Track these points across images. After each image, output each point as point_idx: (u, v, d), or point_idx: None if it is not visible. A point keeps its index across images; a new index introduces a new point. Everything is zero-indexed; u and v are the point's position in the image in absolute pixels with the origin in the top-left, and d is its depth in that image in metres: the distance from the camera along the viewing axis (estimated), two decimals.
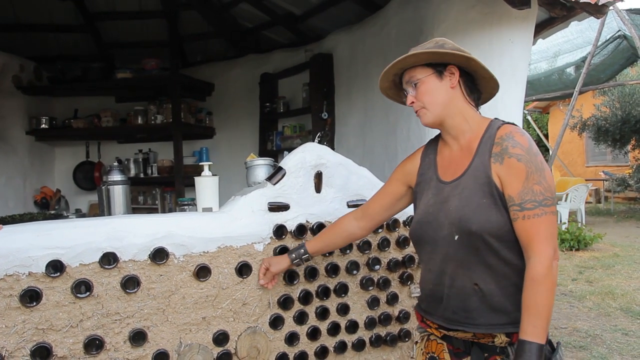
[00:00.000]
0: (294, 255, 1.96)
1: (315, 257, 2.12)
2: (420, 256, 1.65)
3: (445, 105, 1.54)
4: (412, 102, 1.58)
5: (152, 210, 5.56)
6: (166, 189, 5.58)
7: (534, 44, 3.33)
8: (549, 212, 1.39)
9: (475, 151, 1.51)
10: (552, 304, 1.36)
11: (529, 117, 15.02)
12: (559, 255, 1.43)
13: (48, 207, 5.28)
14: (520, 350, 1.33)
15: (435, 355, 1.59)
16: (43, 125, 5.34)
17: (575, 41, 9.55)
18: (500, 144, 1.46)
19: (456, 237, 1.46)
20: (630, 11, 8.47)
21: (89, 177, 5.77)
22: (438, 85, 1.54)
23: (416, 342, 1.76)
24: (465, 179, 1.49)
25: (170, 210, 5.28)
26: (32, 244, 1.71)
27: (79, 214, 5.17)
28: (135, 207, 5.57)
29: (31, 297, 1.69)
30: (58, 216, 4.79)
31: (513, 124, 1.54)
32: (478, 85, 1.61)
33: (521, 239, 1.40)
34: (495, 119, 1.57)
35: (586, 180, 11.64)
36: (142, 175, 5.64)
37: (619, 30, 9.09)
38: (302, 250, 1.95)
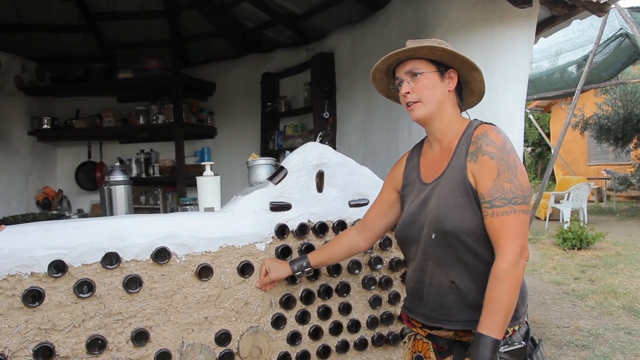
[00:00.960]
0: (296, 267, 1.95)
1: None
2: (405, 256, 1.69)
3: (439, 104, 1.56)
4: (408, 93, 1.57)
5: (154, 211, 5.57)
6: (168, 189, 5.58)
7: (535, 42, 3.33)
8: (519, 211, 1.41)
9: (453, 151, 1.54)
10: (513, 301, 1.38)
11: (530, 116, 15.00)
12: (528, 253, 1.43)
13: (50, 208, 5.29)
14: (476, 342, 1.36)
15: (421, 355, 1.62)
16: (45, 126, 5.34)
17: (577, 40, 9.53)
18: (475, 143, 1.49)
19: (433, 236, 1.49)
20: (633, 9, 8.44)
21: (90, 178, 5.77)
22: (438, 84, 1.56)
23: (404, 342, 1.78)
24: (444, 179, 1.53)
25: (172, 210, 5.28)
26: (34, 244, 1.72)
27: (81, 214, 5.18)
28: (137, 207, 5.57)
29: (34, 297, 1.70)
30: (60, 216, 4.80)
31: (490, 123, 1.57)
32: (463, 95, 1.66)
33: (490, 236, 1.43)
34: (475, 119, 1.60)
35: (588, 179, 11.62)
36: (143, 176, 5.64)
37: (621, 29, 9.06)
38: (305, 263, 1.95)
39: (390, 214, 1.82)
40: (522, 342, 1.47)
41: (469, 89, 1.64)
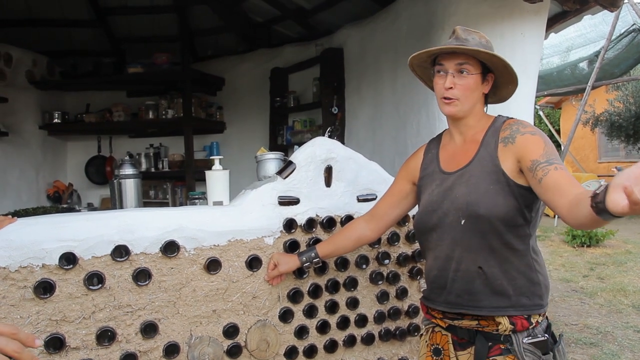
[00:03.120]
0: (304, 257, 1.95)
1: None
2: (425, 245, 1.68)
3: (473, 106, 1.60)
4: (451, 88, 1.56)
5: (163, 205, 5.60)
6: (177, 184, 5.61)
7: (546, 38, 3.30)
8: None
9: (480, 143, 1.57)
10: None
11: (540, 113, 14.89)
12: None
13: (60, 201, 5.33)
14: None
15: (439, 347, 1.62)
16: (56, 120, 5.39)
17: (588, 35, 9.44)
18: (509, 129, 1.54)
19: (462, 222, 1.50)
20: None
21: (100, 172, 5.82)
22: (478, 87, 1.59)
23: (421, 335, 1.78)
24: (471, 168, 1.54)
25: (181, 205, 5.31)
26: (45, 237, 1.74)
27: (91, 207, 5.23)
28: (146, 201, 5.61)
29: (45, 288, 1.71)
30: (70, 210, 4.85)
31: (516, 119, 1.62)
32: (491, 93, 1.68)
33: (555, 186, 1.35)
34: (500, 115, 1.65)
35: (598, 176, 11.53)
36: (153, 170, 5.67)
37: (634, 24, 8.95)
38: (313, 254, 1.95)
39: (403, 205, 1.84)
40: (545, 335, 1.49)
41: (495, 92, 1.68)
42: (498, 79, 1.62)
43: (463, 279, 1.52)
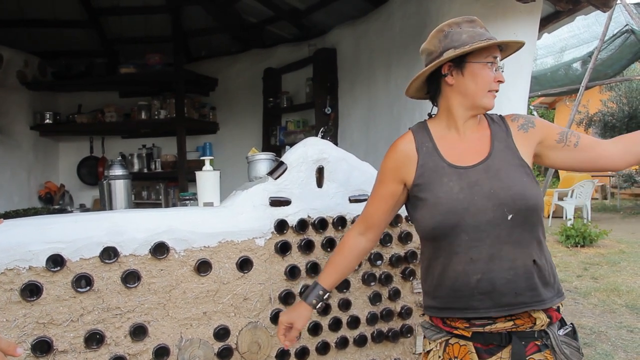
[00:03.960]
0: (314, 300, 1.67)
1: (318, 254, 2.12)
2: (448, 249, 1.48)
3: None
4: (500, 81, 1.54)
5: (155, 205, 5.56)
6: (170, 184, 5.58)
7: (539, 38, 3.30)
8: None
9: (490, 137, 1.54)
10: None
11: (535, 113, 14.93)
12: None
13: (52, 202, 5.29)
14: None
15: None
16: (47, 121, 5.34)
17: (581, 36, 9.47)
18: (520, 118, 1.59)
19: (510, 217, 1.42)
20: (639, 5, 8.38)
21: (92, 172, 5.78)
22: None
23: (427, 352, 1.59)
24: (494, 160, 1.49)
25: (174, 205, 5.28)
26: (32, 238, 1.71)
27: (83, 208, 5.19)
28: (139, 202, 5.58)
29: (32, 291, 1.69)
30: (62, 211, 4.81)
31: None
32: None
33: (596, 141, 1.56)
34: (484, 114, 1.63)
35: (592, 176, 11.56)
36: (145, 171, 5.65)
37: (627, 25, 8.99)
38: (321, 292, 1.67)
39: (396, 208, 1.67)
40: (571, 324, 1.51)
41: None
42: None
43: (522, 276, 1.42)
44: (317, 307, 1.68)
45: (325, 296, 1.68)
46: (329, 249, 2.18)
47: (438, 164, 1.53)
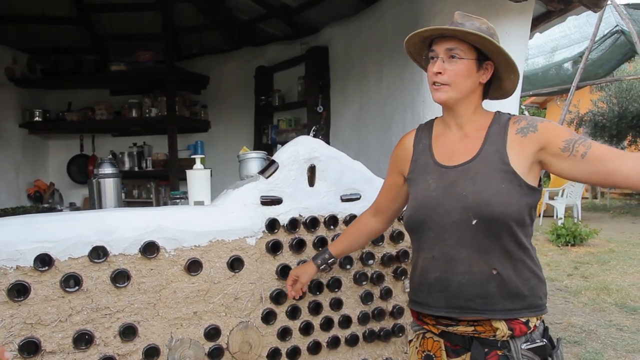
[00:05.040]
0: (319, 260, 1.89)
1: (309, 254, 2.11)
2: (417, 244, 1.56)
3: (467, 94, 1.51)
4: (440, 73, 1.48)
5: (146, 204, 5.53)
6: (161, 183, 5.55)
7: (530, 37, 3.31)
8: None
9: (484, 138, 1.49)
10: None
11: (526, 112, 15.01)
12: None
13: (42, 201, 5.24)
14: None
15: (431, 354, 1.54)
16: (36, 118, 5.29)
17: (572, 36, 9.54)
18: (523, 120, 1.49)
19: (474, 222, 1.41)
20: (629, 6, 8.45)
21: (83, 171, 5.73)
22: (472, 74, 1.49)
23: (410, 341, 1.69)
24: (476, 164, 1.46)
25: (165, 204, 5.25)
26: (20, 238, 1.69)
27: (73, 207, 5.14)
28: (129, 200, 5.54)
29: (19, 291, 1.67)
30: (51, 210, 4.76)
31: None
32: (495, 86, 1.60)
33: (611, 151, 1.37)
34: (500, 112, 1.56)
35: None
36: (136, 169, 5.60)
37: (617, 26, 9.07)
38: (327, 255, 1.89)
39: (401, 196, 1.74)
40: (543, 340, 1.43)
41: (498, 85, 1.58)
42: (498, 68, 1.52)
43: (476, 283, 1.42)
44: (321, 267, 1.90)
45: (330, 260, 1.90)
46: (320, 248, 2.17)
47: (427, 161, 1.57)
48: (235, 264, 2.00)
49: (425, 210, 1.50)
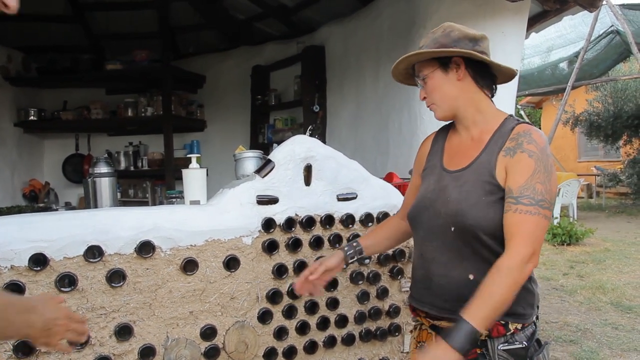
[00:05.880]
0: (348, 249, 1.74)
1: (306, 253, 2.10)
2: (414, 239, 1.63)
3: (454, 98, 1.50)
4: (424, 98, 1.56)
5: (142, 204, 5.51)
6: (157, 182, 5.53)
7: (526, 37, 3.32)
8: (542, 215, 1.36)
9: (485, 146, 1.48)
10: (507, 299, 1.32)
11: (522, 112, 15.06)
12: (538, 260, 1.39)
13: (37, 200, 5.22)
14: (455, 326, 1.31)
15: (425, 344, 1.60)
16: (32, 117, 5.26)
17: (568, 36, 9.57)
18: (515, 139, 1.43)
19: (452, 229, 1.44)
20: (624, 6, 8.48)
21: (78, 170, 5.70)
22: (445, 80, 1.50)
23: (410, 331, 1.77)
24: (468, 172, 1.47)
25: (161, 204, 5.23)
26: (14, 237, 1.68)
27: (69, 207, 5.12)
28: (125, 200, 5.52)
29: (13, 291, 1.65)
30: (47, 209, 4.74)
31: (531, 124, 1.51)
32: (492, 69, 1.54)
33: (506, 231, 1.37)
34: (511, 116, 1.54)
35: (578, 175, 11.67)
36: (132, 168, 5.58)
37: (612, 26, 9.10)
38: (355, 243, 1.75)
39: None
40: (524, 343, 1.43)
41: (490, 72, 1.55)
42: (469, 60, 1.50)
43: (452, 286, 1.46)
44: (349, 254, 1.72)
45: (359, 248, 1.74)
46: (316, 248, 2.17)
47: (436, 162, 1.61)
48: (231, 263, 1.99)
49: (419, 209, 1.57)
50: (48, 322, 1.16)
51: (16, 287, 1.65)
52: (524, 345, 1.43)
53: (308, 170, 2.16)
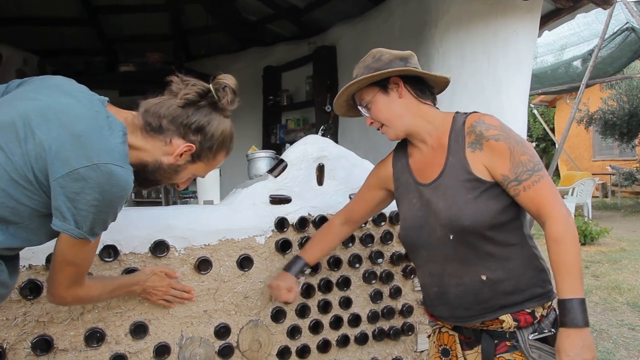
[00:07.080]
0: (292, 270, 1.90)
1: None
2: (415, 261, 1.66)
3: (402, 116, 1.56)
4: (372, 123, 1.61)
5: (156, 204, 5.53)
6: None
7: (539, 36, 3.29)
8: (544, 176, 1.41)
9: (447, 149, 1.51)
10: (579, 259, 1.35)
11: (535, 111, 14.93)
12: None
13: None
14: (563, 309, 1.33)
15: (447, 347, 1.61)
16: None
17: (582, 34, 9.45)
18: (473, 132, 1.47)
19: (451, 237, 1.46)
20: (639, 2, 8.36)
21: None
22: (387, 101, 1.56)
23: (428, 336, 1.77)
24: (445, 179, 1.49)
25: (174, 204, 5.27)
26: None
27: None
28: (139, 200, 5.55)
29: (31, 289, 1.68)
30: None
31: (476, 112, 1.54)
32: (428, 81, 1.61)
33: (530, 209, 1.42)
34: (457, 112, 1.57)
35: (593, 174, 11.57)
36: None
37: (627, 23, 8.97)
38: (303, 264, 1.91)
39: (379, 208, 1.91)
40: (552, 330, 1.45)
41: (427, 84, 1.62)
42: (407, 77, 1.57)
43: (469, 292, 1.48)
44: (300, 277, 1.93)
45: (306, 270, 1.96)
46: None
47: (407, 179, 1.64)
48: (245, 262, 2.00)
49: (414, 231, 1.58)
50: (147, 288, 1.74)
51: (34, 286, 1.68)
52: (552, 333, 1.45)
53: (320, 169, 2.17)
